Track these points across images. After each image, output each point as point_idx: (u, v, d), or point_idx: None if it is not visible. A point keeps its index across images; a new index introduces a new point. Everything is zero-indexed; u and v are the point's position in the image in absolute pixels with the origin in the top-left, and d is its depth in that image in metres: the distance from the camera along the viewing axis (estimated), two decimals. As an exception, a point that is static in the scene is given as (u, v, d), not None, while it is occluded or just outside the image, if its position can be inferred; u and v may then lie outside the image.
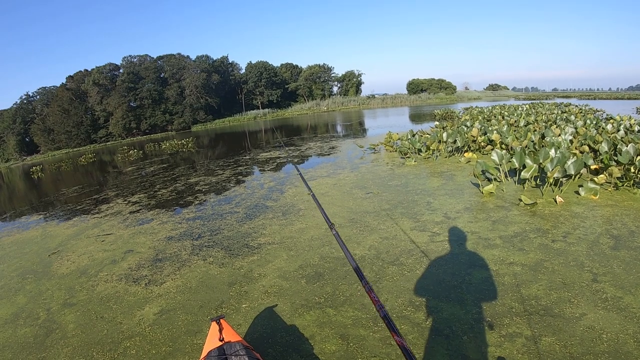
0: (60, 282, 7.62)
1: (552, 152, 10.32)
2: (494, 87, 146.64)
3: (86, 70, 77.10)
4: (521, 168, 10.43)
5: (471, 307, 4.98)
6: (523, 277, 5.62)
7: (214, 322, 3.73)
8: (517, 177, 10.75)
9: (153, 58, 79.07)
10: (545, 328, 4.48)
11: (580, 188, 9.18)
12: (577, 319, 4.57)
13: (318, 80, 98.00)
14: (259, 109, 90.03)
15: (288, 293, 5.93)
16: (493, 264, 6.12)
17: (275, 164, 19.13)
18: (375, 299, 1.80)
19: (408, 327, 4.73)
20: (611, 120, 18.46)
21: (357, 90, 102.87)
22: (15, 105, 75.55)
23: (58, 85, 76.24)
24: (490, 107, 37.50)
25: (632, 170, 9.49)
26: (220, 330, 3.64)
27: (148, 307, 6.10)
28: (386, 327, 4.72)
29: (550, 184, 9.80)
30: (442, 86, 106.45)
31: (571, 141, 13.30)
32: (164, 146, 39.01)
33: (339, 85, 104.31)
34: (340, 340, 4.68)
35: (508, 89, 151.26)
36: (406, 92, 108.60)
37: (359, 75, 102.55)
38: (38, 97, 76.65)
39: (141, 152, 36.86)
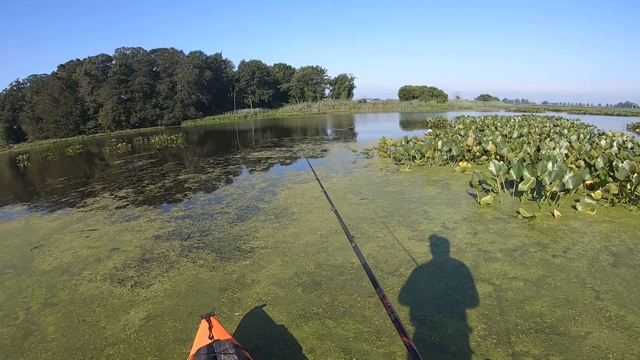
0: (42, 280, 7.31)
1: (549, 166, 10.18)
2: (485, 98, 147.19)
3: (78, 60, 76.34)
4: (518, 180, 10.27)
5: (476, 323, 4.80)
6: (526, 293, 5.47)
7: (204, 320, 3.60)
8: (513, 189, 10.60)
9: (146, 51, 78.46)
10: (552, 347, 4.34)
11: (577, 203, 9.10)
12: (583, 338, 4.46)
13: (310, 82, 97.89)
14: (250, 107, 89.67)
15: (284, 302, 5.68)
16: (495, 278, 5.95)
17: (267, 164, 18.91)
18: (388, 305, 1.85)
19: (413, 341, 4.47)
20: (604, 136, 18.45)
21: (349, 94, 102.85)
22: (4, 92, 74.45)
23: (49, 73, 75.41)
24: (482, 117, 37.59)
25: (628, 187, 9.42)
26: (210, 328, 3.53)
27: (134, 311, 5.81)
28: (389, 342, 4.54)
29: (547, 198, 9.64)
30: (434, 94, 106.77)
31: (567, 155, 13.24)
32: (153, 141, 38.54)
33: (331, 88, 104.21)
34: (342, 354, 4.46)
35: (499, 100, 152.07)
36: (398, 98, 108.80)
37: (352, 79, 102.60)
38: (28, 84, 75.65)
39: (130, 145, 36.44)
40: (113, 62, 74.67)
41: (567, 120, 34.88)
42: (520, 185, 9.85)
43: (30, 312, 6.12)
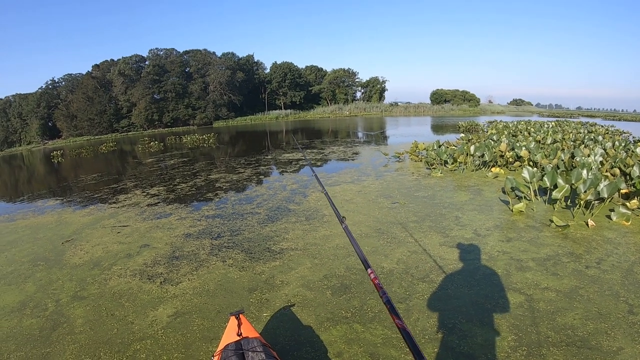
0: (72, 273, 7.43)
1: (584, 173, 9.98)
2: (517, 102, 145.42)
3: (112, 60, 77.77)
4: (552, 188, 10.09)
5: (507, 334, 4.69)
6: (558, 305, 5.32)
7: (233, 317, 3.66)
8: (547, 197, 10.40)
9: (179, 52, 79.41)
10: (583, 362, 4.18)
11: (612, 212, 8.85)
12: (615, 353, 4.30)
13: (342, 85, 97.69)
14: (281, 109, 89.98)
15: (312, 304, 5.65)
16: (527, 288, 5.82)
17: (298, 165, 18.94)
18: (379, 285, 1.91)
19: (442, 350, 4.45)
20: (639, 143, 17.99)
21: (381, 97, 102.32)
22: (40, 90, 76.40)
23: (84, 72, 77.03)
24: (515, 122, 37.11)
25: (664, 197, 9.16)
26: (239, 325, 3.57)
27: (162, 307, 5.86)
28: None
29: (581, 206, 9.43)
30: (466, 98, 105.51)
31: (602, 163, 12.94)
32: (185, 140, 39.01)
33: (362, 90, 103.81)
34: (370, 359, 4.39)
35: (532, 105, 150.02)
36: (429, 102, 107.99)
37: (383, 82, 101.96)
38: (63, 83, 77.48)
39: (162, 144, 36.86)
40: (146, 62, 75.84)
41: (602, 126, 34.27)
42: (554, 193, 9.65)
43: (60, 304, 6.22)
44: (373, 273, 2.04)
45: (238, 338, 3.42)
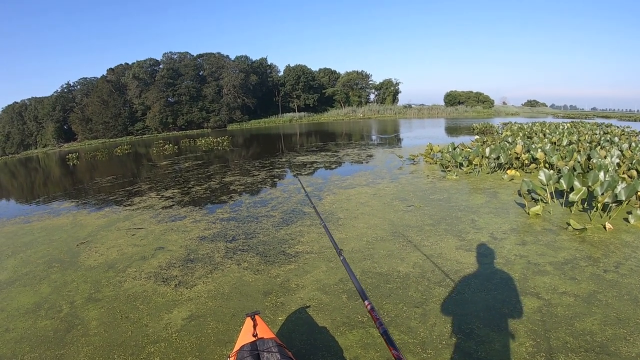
0: (87, 275, 7.47)
1: (601, 175, 9.85)
2: (532, 103, 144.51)
3: (127, 63, 78.78)
4: (569, 190, 9.97)
5: (524, 339, 4.61)
6: (576, 310, 5.22)
7: (249, 318, 3.70)
8: (563, 199, 10.26)
9: (193, 56, 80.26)
10: (602, 367, 4.10)
11: (630, 215, 8.68)
12: (634, 359, 4.20)
13: (355, 87, 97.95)
14: (295, 112, 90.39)
15: (328, 308, 5.60)
16: (544, 292, 5.72)
17: (312, 168, 18.93)
18: (376, 317, 2.08)
19: (459, 356, 4.39)
20: (656, 144, 17.71)
21: (394, 99, 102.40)
22: (55, 93, 77.72)
23: (98, 76, 78.11)
24: (530, 124, 36.88)
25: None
26: (255, 326, 3.59)
27: (177, 310, 5.85)
28: (435, 355, 4.42)
29: (598, 209, 9.30)
30: (480, 100, 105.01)
31: (618, 164, 12.77)
32: (199, 143, 39.31)
33: (376, 93, 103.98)
34: (386, 365, 4.33)
35: (546, 106, 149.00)
36: (443, 103, 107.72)
37: (397, 84, 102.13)
38: (78, 87, 78.82)
39: (176, 147, 37.15)
40: (160, 66, 76.92)
41: (618, 127, 33.86)
42: (570, 196, 9.51)
43: (74, 306, 6.26)
44: (370, 305, 2.21)
45: (254, 339, 3.43)
